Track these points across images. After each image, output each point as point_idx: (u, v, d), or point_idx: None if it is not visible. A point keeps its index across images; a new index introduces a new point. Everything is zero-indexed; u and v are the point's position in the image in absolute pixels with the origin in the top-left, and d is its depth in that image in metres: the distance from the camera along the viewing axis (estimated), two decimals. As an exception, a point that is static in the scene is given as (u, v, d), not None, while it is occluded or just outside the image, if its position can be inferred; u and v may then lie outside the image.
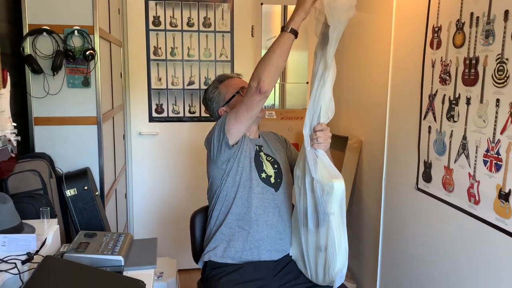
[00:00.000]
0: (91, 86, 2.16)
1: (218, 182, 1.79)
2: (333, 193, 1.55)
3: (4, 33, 1.99)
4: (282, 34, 1.55)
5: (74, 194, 2.00)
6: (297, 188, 1.71)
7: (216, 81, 1.90)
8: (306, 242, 1.72)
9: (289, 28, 1.54)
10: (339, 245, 1.58)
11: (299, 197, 1.71)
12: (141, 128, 3.24)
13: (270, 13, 4.14)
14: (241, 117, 1.64)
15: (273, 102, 4.37)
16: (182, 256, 3.14)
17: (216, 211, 1.81)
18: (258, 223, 1.76)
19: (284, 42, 1.55)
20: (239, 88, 1.83)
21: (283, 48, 1.55)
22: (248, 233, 1.75)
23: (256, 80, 1.53)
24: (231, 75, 1.91)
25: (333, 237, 1.57)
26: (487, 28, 1.54)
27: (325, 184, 1.56)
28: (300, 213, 1.71)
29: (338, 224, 1.58)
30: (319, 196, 1.58)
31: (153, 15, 3.14)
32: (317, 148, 1.61)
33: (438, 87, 1.84)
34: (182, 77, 3.24)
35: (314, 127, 1.62)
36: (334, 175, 1.58)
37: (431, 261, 1.92)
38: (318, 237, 1.63)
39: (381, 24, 2.36)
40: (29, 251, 1.32)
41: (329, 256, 1.60)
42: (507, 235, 1.47)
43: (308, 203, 1.64)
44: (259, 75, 1.53)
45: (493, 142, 1.52)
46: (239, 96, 1.81)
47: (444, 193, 1.81)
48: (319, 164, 1.59)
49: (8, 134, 1.74)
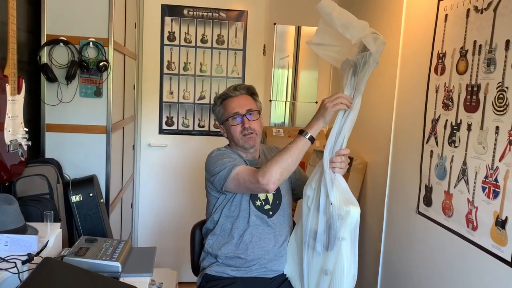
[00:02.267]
0: (102, 96, 2.22)
1: (212, 206, 1.84)
2: (348, 219, 1.56)
3: (23, 41, 2.08)
4: (300, 140, 1.60)
5: (79, 200, 2.05)
6: (306, 208, 1.71)
7: (219, 97, 1.90)
8: (308, 263, 1.71)
9: (308, 135, 1.60)
10: (348, 272, 1.59)
11: (306, 217, 1.70)
12: (150, 139, 3.30)
13: (285, 32, 4.21)
14: (242, 190, 1.74)
15: (283, 120, 4.42)
16: (184, 268, 3.16)
17: (211, 239, 1.84)
18: (254, 250, 1.78)
19: (302, 148, 1.61)
20: (232, 114, 1.82)
21: (300, 153, 1.61)
22: (245, 261, 1.78)
23: (265, 179, 1.57)
24: (234, 94, 1.86)
25: (343, 263, 1.58)
26: (489, 57, 1.57)
27: (341, 209, 1.57)
28: (306, 233, 1.70)
29: (349, 250, 1.59)
30: (333, 220, 1.59)
31: (169, 31, 3.22)
32: (336, 172, 1.63)
33: (441, 112, 1.86)
34: (194, 92, 3.31)
35: (339, 151, 1.64)
36: (351, 201, 1.60)
37: (429, 284, 1.91)
38: (325, 260, 1.63)
39: (388, 47, 2.39)
40: (30, 252, 1.36)
41: (335, 281, 1.59)
42: (502, 262, 1.46)
43: (319, 225, 1.63)
44: (271, 176, 1.57)
45: (491, 168, 1.53)
46: (228, 123, 1.83)
47: (444, 217, 1.82)
48: (336, 188, 1.61)
49: (19, 138, 1.80)
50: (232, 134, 1.82)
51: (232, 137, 1.83)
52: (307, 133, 1.60)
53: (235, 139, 1.82)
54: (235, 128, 1.81)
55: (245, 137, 1.80)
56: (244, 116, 1.80)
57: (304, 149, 1.62)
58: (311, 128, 1.61)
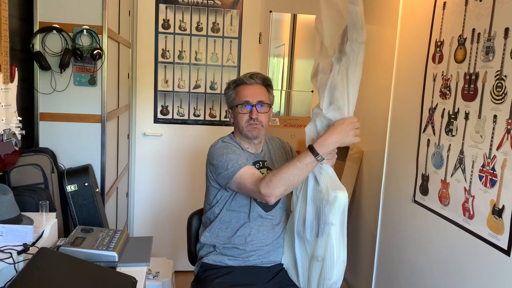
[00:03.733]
0: (97, 84, 2.19)
1: (212, 196, 1.82)
2: (335, 204, 1.56)
3: (15, 29, 2.04)
4: (310, 160, 1.52)
5: (74, 190, 2.03)
6: (295, 197, 1.71)
7: (234, 82, 1.85)
8: (301, 251, 1.72)
9: (320, 158, 1.52)
10: (337, 257, 1.58)
11: (296, 206, 1.71)
12: (145, 128, 3.28)
13: (280, 20, 4.18)
14: (242, 193, 1.73)
15: (278, 109, 4.40)
16: (180, 257, 3.16)
17: (209, 231, 1.83)
18: (252, 243, 1.78)
19: (309, 168, 1.55)
20: (242, 102, 1.78)
21: (307, 173, 1.57)
22: (243, 251, 1.77)
23: (268, 192, 1.55)
24: (248, 82, 1.81)
25: (332, 248, 1.58)
26: (487, 45, 1.56)
27: (329, 194, 1.57)
28: (296, 222, 1.71)
29: (338, 235, 1.59)
30: (321, 206, 1.59)
31: (163, 18, 3.18)
32: (325, 163, 1.59)
33: (438, 101, 1.85)
34: (189, 80, 3.28)
35: None
36: (338, 186, 1.59)
37: (425, 273, 1.92)
38: (316, 247, 1.63)
39: (386, 36, 2.38)
40: (25, 242, 1.34)
41: (326, 267, 1.60)
42: (499, 251, 1.47)
43: (308, 212, 1.64)
44: (273, 190, 1.54)
45: (489, 157, 1.53)
46: (237, 110, 1.80)
47: (440, 206, 1.82)
48: (323, 174, 1.60)
49: (13, 127, 1.77)
50: (238, 121, 1.79)
51: (238, 124, 1.80)
52: (318, 155, 1.51)
53: (240, 126, 1.79)
54: (242, 116, 1.78)
55: (250, 126, 1.77)
56: (254, 107, 1.77)
57: (310, 169, 1.56)
58: (325, 151, 1.52)
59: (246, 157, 1.77)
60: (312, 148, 1.53)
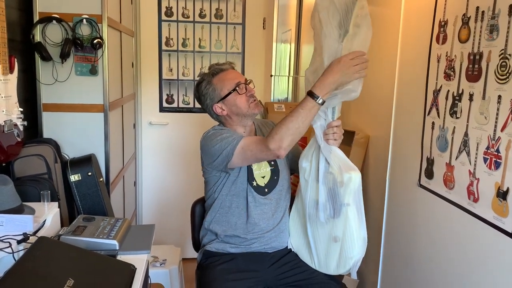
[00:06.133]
0: (98, 74, 2.19)
1: (211, 185, 1.81)
2: (350, 184, 1.57)
3: (15, 20, 2.04)
4: (311, 104, 1.47)
5: (78, 179, 2.05)
6: (303, 181, 1.70)
7: (209, 74, 1.78)
8: (313, 234, 1.71)
9: (321, 101, 1.47)
10: (358, 235, 1.61)
11: (305, 190, 1.69)
12: (151, 118, 3.28)
13: (286, 5, 4.12)
14: (249, 162, 1.67)
15: (286, 95, 4.37)
16: (188, 245, 3.17)
17: (211, 216, 1.82)
18: (253, 231, 1.77)
19: (312, 112, 1.49)
20: (235, 85, 1.74)
21: (310, 118, 1.50)
22: (244, 239, 1.77)
23: (276, 145, 1.49)
24: (225, 67, 1.78)
25: (351, 228, 1.60)
26: (491, 23, 1.51)
27: (343, 176, 1.57)
28: (306, 205, 1.70)
29: (356, 215, 1.61)
30: (335, 188, 1.59)
31: (166, 6, 3.16)
32: (332, 145, 1.60)
33: (443, 82, 1.81)
34: (193, 68, 3.26)
35: (331, 123, 1.60)
36: (351, 166, 1.60)
37: (431, 256, 1.90)
38: (333, 228, 1.64)
39: (390, 18, 2.33)
40: (25, 232, 1.36)
41: (346, 247, 1.62)
42: (504, 234, 1.44)
43: (320, 195, 1.63)
44: (281, 141, 1.49)
45: (493, 139, 1.49)
46: (236, 94, 1.73)
47: (445, 190, 1.79)
48: (333, 155, 1.61)
49: (14, 118, 1.78)
50: (238, 105, 1.73)
51: (239, 109, 1.74)
52: (318, 97, 1.46)
53: (243, 109, 1.74)
54: (241, 98, 1.73)
55: (253, 104, 1.74)
56: (247, 85, 1.76)
57: (314, 114, 1.51)
58: (324, 92, 1.46)
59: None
60: (311, 92, 1.48)
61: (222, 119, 1.81)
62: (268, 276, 1.73)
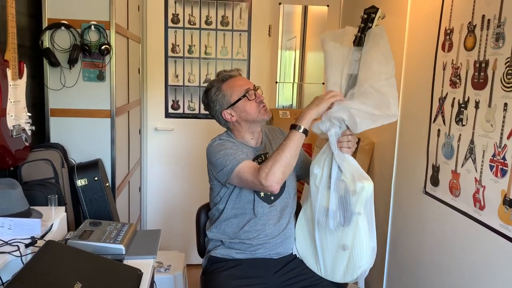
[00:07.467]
0: (105, 80, 2.21)
1: (216, 193, 1.81)
2: (362, 193, 1.58)
3: (24, 26, 2.07)
4: (294, 135, 1.56)
5: (84, 184, 2.06)
6: (314, 187, 1.69)
7: (218, 81, 1.78)
8: (321, 241, 1.70)
9: (302, 129, 1.56)
10: (367, 245, 1.61)
11: (315, 196, 1.69)
12: (157, 123, 3.30)
13: (291, 13, 4.14)
14: (245, 188, 1.72)
15: (290, 102, 4.38)
16: (192, 251, 3.17)
17: (216, 228, 1.82)
18: (259, 238, 1.77)
19: (298, 143, 1.57)
20: (245, 91, 1.74)
21: (297, 148, 1.58)
22: (250, 245, 1.77)
23: (269, 181, 1.54)
24: (233, 74, 1.78)
25: (361, 237, 1.60)
26: (497, 31, 1.52)
27: (355, 184, 1.58)
28: (316, 211, 1.69)
29: (366, 224, 1.61)
30: (347, 196, 1.60)
31: (172, 13, 3.19)
32: (344, 152, 1.62)
33: (448, 90, 1.81)
34: (199, 75, 3.28)
35: (346, 131, 1.62)
36: (364, 176, 1.61)
37: (436, 264, 1.90)
38: (342, 236, 1.64)
39: (395, 25, 2.34)
40: (33, 235, 1.36)
41: (354, 255, 1.62)
42: (510, 242, 1.44)
43: (331, 202, 1.63)
44: (274, 177, 1.54)
45: (499, 147, 1.49)
46: (246, 100, 1.74)
47: (451, 197, 1.79)
48: (346, 163, 1.61)
49: (22, 123, 1.80)
50: (248, 111, 1.74)
51: (249, 114, 1.74)
52: (300, 127, 1.56)
53: (253, 115, 1.74)
54: (251, 103, 1.73)
55: (263, 109, 1.76)
56: (256, 91, 1.77)
57: (301, 143, 1.58)
58: (303, 120, 1.56)
59: (246, 152, 1.75)
60: (293, 125, 1.58)
61: (231, 126, 1.81)
62: (273, 283, 1.72)
